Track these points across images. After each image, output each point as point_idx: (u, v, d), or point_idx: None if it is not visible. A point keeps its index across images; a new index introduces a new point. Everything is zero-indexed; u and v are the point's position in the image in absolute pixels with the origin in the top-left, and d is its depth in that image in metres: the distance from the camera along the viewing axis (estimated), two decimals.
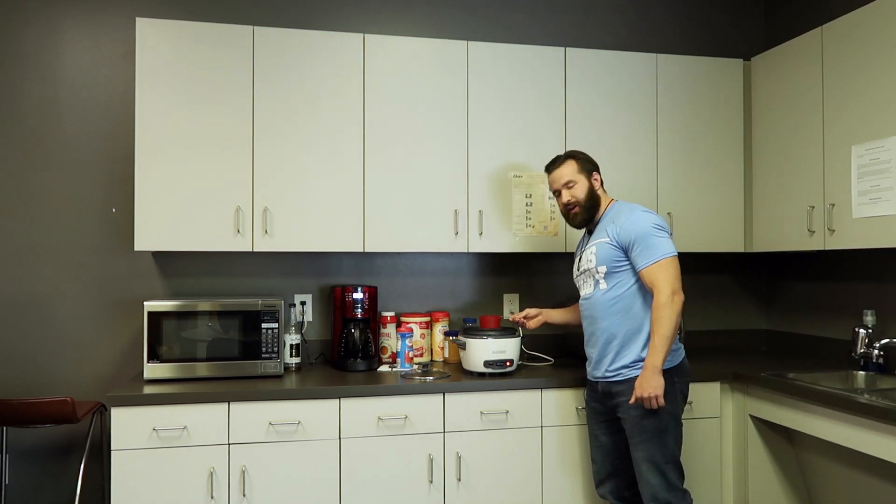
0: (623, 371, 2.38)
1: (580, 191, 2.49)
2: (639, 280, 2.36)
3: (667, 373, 2.33)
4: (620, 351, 2.39)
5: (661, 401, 2.27)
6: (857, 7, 2.77)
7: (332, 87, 2.87)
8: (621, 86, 3.14)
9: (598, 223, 2.50)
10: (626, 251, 2.36)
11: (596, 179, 2.52)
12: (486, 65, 3.01)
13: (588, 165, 2.52)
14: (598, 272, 2.42)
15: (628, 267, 2.37)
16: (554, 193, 2.60)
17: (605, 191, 2.56)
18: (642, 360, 2.34)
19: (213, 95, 2.77)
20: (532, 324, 2.72)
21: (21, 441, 2.94)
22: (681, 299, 2.28)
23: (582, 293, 2.54)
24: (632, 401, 2.31)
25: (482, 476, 2.67)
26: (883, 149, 2.55)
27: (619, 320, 2.39)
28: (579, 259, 2.55)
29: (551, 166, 2.58)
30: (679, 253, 2.39)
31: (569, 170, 2.51)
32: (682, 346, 2.49)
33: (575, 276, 2.59)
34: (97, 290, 3.02)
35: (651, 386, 2.25)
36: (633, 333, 2.37)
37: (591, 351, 2.50)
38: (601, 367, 2.45)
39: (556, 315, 2.76)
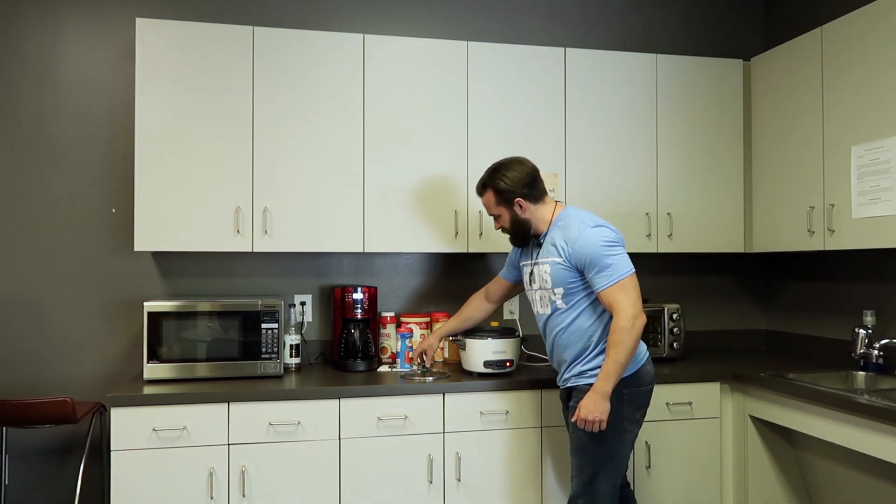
0: (574, 378, 2.35)
1: (504, 221, 2.43)
2: (593, 296, 2.30)
3: (619, 382, 2.25)
4: (576, 361, 2.35)
5: (604, 426, 2.21)
6: (856, 7, 2.77)
7: (332, 87, 2.87)
8: (621, 86, 3.14)
9: (545, 234, 2.40)
10: (580, 272, 2.29)
11: (520, 205, 2.37)
12: (486, 65, 3.01)
13: (508, 195, 2.36)
14: (555, 294, 2.35)
15: (583, 285, 2.30)
16: None
17: (545, 200, 2.42)
18: (596, 367, 2.29)
19: (213, 96, 2.77)
20: (435, 354, 2.77)
21: (21, 441, 2.94)
22: (642, 322, 2.20)
23: (538, 310, 2.45)
24: (574, 418, 2.26)
25: (482, 476, 2.67)
26: (882, 149, 2.55)
27: (578, 336, 2.33)
28: (531, 273, 2.45)
29: (478, 191, 2.48)
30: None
31: (489, 201, 2.43)
32: (648, 353, 2.39)
33: (527, 289, 2.50)
34: (97, 290, 3.02)
35: (597, 410, 2.19)
36: (589, 345, 2.32)
37: (552, 362, 2.48)
38: (561, 374, 2.43)
39: (447, 329, 2.77)
